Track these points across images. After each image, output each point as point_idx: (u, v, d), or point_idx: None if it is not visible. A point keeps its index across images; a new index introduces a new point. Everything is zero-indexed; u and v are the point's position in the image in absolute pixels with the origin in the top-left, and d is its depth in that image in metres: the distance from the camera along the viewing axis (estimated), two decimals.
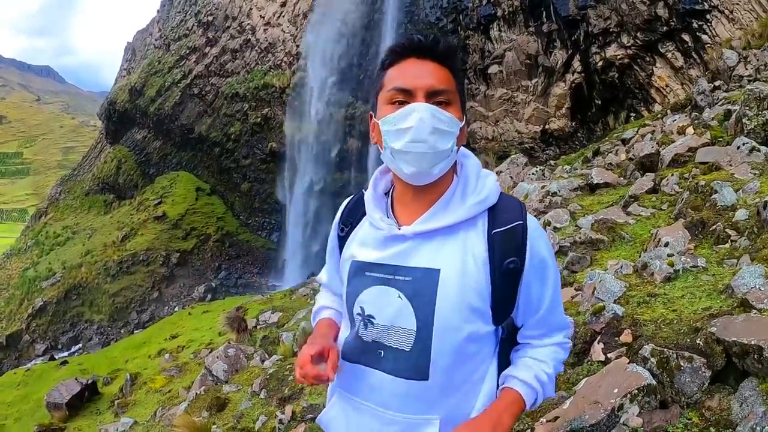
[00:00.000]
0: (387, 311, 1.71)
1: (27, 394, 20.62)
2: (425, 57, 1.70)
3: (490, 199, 1.72)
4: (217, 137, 46.74)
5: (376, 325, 1.74)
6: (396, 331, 1.70)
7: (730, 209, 5.46)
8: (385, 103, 1.70)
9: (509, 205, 1.74)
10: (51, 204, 66.38)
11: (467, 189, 1.72)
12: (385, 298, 1.71)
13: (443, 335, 1.66)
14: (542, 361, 1.79)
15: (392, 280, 1.70)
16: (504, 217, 1.70)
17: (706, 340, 3.23)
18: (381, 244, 1.76)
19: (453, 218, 1.68)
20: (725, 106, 9.16)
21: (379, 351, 1.74)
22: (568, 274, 5.73)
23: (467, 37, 26.15)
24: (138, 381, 17.34)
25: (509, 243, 1.67)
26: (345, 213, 1.95)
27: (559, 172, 11.21)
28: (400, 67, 1.71)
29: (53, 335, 39.16)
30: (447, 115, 1.64)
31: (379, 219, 1.77)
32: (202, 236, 44.93)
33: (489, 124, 25.29)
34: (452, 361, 1.69)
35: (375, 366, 1.75)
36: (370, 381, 1.77)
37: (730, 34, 16.90)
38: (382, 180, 1.90)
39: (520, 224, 1.68)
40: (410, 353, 1.69)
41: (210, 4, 50.20)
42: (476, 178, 1.75)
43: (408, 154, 1.63)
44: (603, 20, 20.33)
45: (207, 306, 30.82)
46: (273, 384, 8.43)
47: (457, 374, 1.71)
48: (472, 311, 1.66)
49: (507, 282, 1.68)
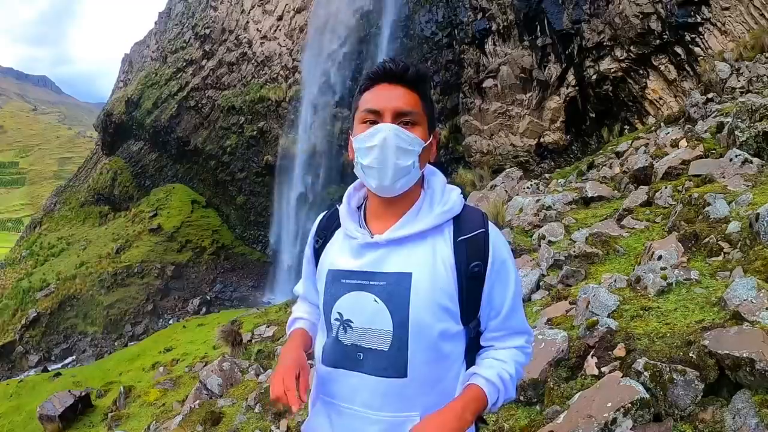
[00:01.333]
0: (364, 315, 1.82)
1: (19, 405, 20.46)
2: (396, 82, 1.83)
3: (455, 209, 1.87)
4: (213, 150, 46.76)
5: (354, 329, 1.84)
6: (374, 333, 1.80)
7: (723, 221, 5.48)
8: (358, 123, 1.87)
9: (472, 215, 1.90)
10: (46, 214, 66.18)
11: (434, 200, 1.89)
12: (361, 303, 1.82)
13: (418, 333, 1.77)
14: (504, 361, 1.89)
15: (368, 285, 1.82)
16: (468, 226, 1.86)
17: (699, 353, 3.24)
18: (356, 252, 1.88)
19: (422, 226, 1.82)
20: (718, 119, 9.21)
21: (358, 354, 1.84)
22: (562, 287, 5.74)
23: (462, 51, 26.28)
24: (132, 394, 17.23)
25: (473, 249, 1.82)
26: (320, 226, 2.09)
27: (554, 185, 11.23)
28: (373, 91, 1.86)
29: (47, 346, 38.86)
30: (410, 135, 1.81)
31: (354, 229, 1.90)
32: (197, 249, 44.84)
33: (484, 137, 25.37)
34: (428, 358, 1.80)
35: (355, 368, 1.85)
36: (351, 383, 1.85)
37: (722, 46, 17.00)
38: (355, 195, 2.04)
39: (483, 232, 1.85)
40: (388, 353, 1.79)
41: (207, 18, 50.40)
42: (441, 191, 1.91)
43: (373, 169, 1.80)
44: (597, 34, 20.45)
45: (202, 319, 30.70)
46: (268, 398, 8.39)
47: (434, 371, 1.83)
48: (443, 310, 1.79)
49: (472, 284, 1.82)
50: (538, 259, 6.59)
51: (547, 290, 5.97)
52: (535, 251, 7.15)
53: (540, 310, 5.34)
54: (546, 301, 5.65)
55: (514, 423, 3.70)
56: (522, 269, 6.44)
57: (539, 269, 6.35)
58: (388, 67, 1.85)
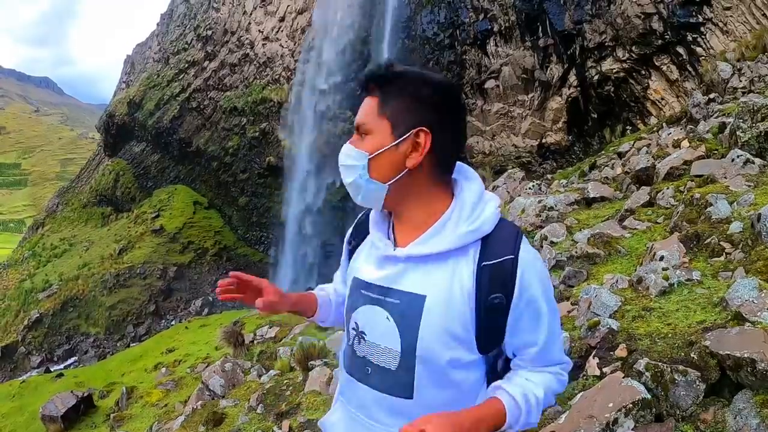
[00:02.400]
0: (376, 330, 1.74)
1: (22, 406, 20.49)
2: (365, 93, 1.74)
3: (484, 229, 1.65)
4: (215, 151, 46.81)
5: (367, 342, 1.77)
6: (383, 351, 1.72)
7: (725, 222, 5.48)
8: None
9: (504, 236, 1.66)
10: (48, 215, 66.33)
11: (462, 215, 1.68)
12: (375, 318, 1.73)
13: (425, 359, 1.66)
14: (535, 383, 1.72)
15: (383, 301, 1.72)
16: (495, 249, 1.64)
17: (701, 353, 3.25)
18: (378, 263, 1.78)
19: (444, 245, 1.65)
20: (720, 119, 9.19)
21: (366, 368, 1.78)
22: (564, 288, 5.75)
23: (464, 52, 26.30)
24: (134, 395, 17.25)
25: (496, 278, 1.62)
26: (354, 227, 2.00)
27: (556, 186, 11.23)
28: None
29: (49, 347, 38.95)
30: (351, 150, 1.71)
31: (379, 239, 1.79)
32: (199, 250, 44.89)
33: (486, 138, 25.39)
34: (436, 383, 1.69)
35: (363, 381, 1.79)
36: (360, 394, 1.81)
37: (724, 46, 17.00)
38: None
39: (510, 259, 1.62)
40: (396, 372, 1.71)
41: (209, 19, 50.47)
42: (473, 204, 1.69)
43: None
44: (598, 34, 20.47)
45: (204, 320, 30.71)
46: (270, 399, 8.41)
47: (442, 397, 1.70)
48: (454, 339, 1.65)
49: (492, 316, 1.64)
50: None
51: None
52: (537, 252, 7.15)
53: None
54: None
55: None
56: None
57: None
58: (360, 77, 1.75)
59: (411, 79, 1.68)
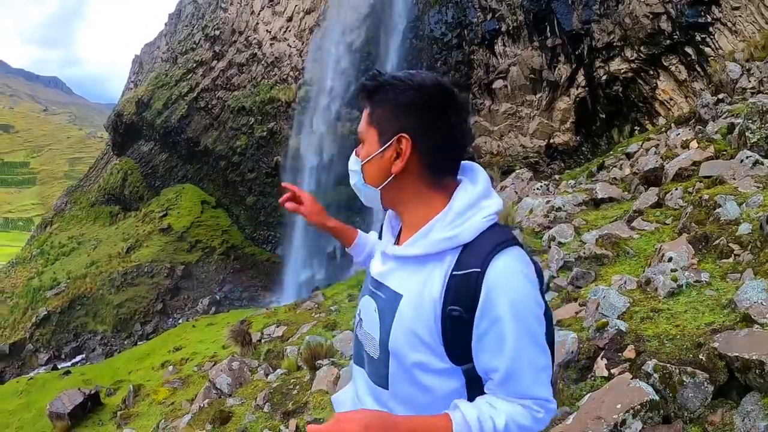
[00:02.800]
0: (368, 320, 1.82)
1: (29, 402, 20.57)
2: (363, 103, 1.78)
3: (462, 237, 1.60)
4: (223, 150, 46.92)
5: (362, 330, 1.85)
6: (371, 340, 1.78)
7: (734, 223, 5.46)
8: None
9: (480, 246, 1.58)
10: (57, 214, 66.66)
11: (445, 221, 1.65)
12: (369, 308, 1.81)
13: (394, 356, 1.68)
14: (498, 410, 1.55)
15: (375, 294, 1.80)
16: (467, 260, 1.57)
17: (709, 355, 3.24)
18: (381, 258, 1.86)
19: (420, 250, 1.65)
20: (729, 120, 9.15)
21: (362, 353, 1.86)
22: (572, 289, 5.74)
23: (472, 51, 26.28)
24: (141, 392, 17.30)
25: (460, 290, 1.56)
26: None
27: (564, 186, 11.21)
28: None
29: (56, 345, 39.14)
30: (353, 156, 1.83)
31: (384, 234, 1.90)
32: (207, 249, 45.00)
33: (494, 138, 25.36)
34: (407, 381, 1.69)
35: (360, 365, 1.89)
36: (359, 376, 1.90)
37: (733, 46, 16.92)
38: None
39: (476, 272, 1.54)
40: (377, 361, 1.77)
41: (217, 19, 50.59)
42: (459, 211, 1.65)
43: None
44: (606, 34, 20.41)
45: (211, 318, 30.78)
46: (277, 398, 8.42)
47: (417, 397, 1.69)
48: (421, 342, 1.62)
49: (455, 328, 1.59)
50: (548, 261, 6.59)
51: (557, 292, 5.97)
52: (545, 253, 7.15)
53: None
54: (556, 302, 5.64)
55: None
56: None
57: (549, 271, 6.35)
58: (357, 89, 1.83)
59: (394, 86, 1.68)
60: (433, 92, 1.68)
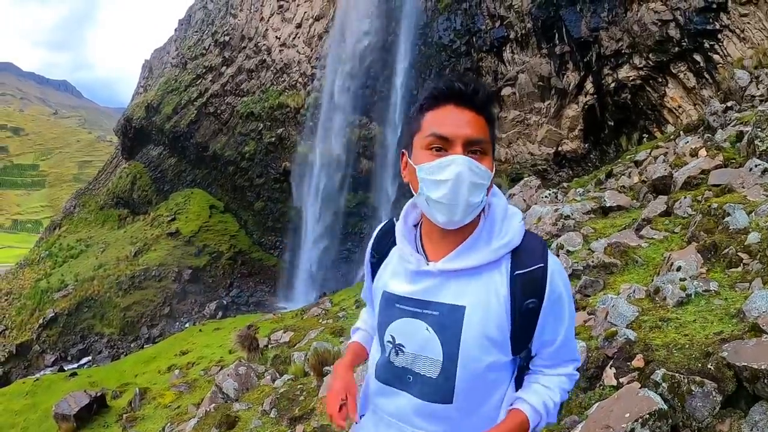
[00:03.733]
0: (416, 341, 1.80)
1: (35, 403, 20.62)
2: (464, 105, 1.70)
3: (514, 242, 1.76)
4: (232, 156, 47.06)
5: (406, 354, 1.83)
6: (424, 360, 1.79)
7: (743, 232, 5.44)
8: (422, 148, 1.73)
9: (532, 246, 1.78)
10: (65, 216, 66.91)
11: (493, 231, 1.77)
12: (414, 330, 1.80)
13: (466, 365, 1.75)
14: (551, 389, 1.85)
15: (421, 313, 1.78)
16: (526, 259, 1.76)
17: (718, 364, 3.24)
18: (410, 277, 1.84)
19: (478, 260, 1.74)
20: (737, 127, 9.12)
21: (408, 376, 1.84)
22: (581, 297, 5.73)
23: (480, 59, 26.30)
24: (147, 396, 17.32)
25: (530, 284, 1.74)
26: (376, 241, 2.04)
27: (572, 194, 11.19)
28: (438, 112, 1.72)
29: (63, 346, 39.26)
30: (482, 168, 1.69)
31: (409, 254, 1.84)
32: (214, 253, 45.08)
33: (502, 146, 25.34)
34: (475, 388, 1.78)
35: (404, 389, 1.85)
36: (399, 401, 1.86)
37: (741, 53, 16.86)
38: (412, 213, 1.95)
39: (541, 267, 1.74)
40: (437, 380, 1.78)
41: (227, 25, 50.83)
42: (502, 220, 1.80)
43: (444, 205, 1.69)
44: (615, 42, 20.39)
45: (218, 323, 30.80)
46: (284, 403, 8.43)
47: (479, 399, 1.81)
48: (494, 344, 1.75)
49: (526, 319, 1.75)
50: None
51: None
52: None
53: None
54: None
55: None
56: None
57: None
58: (457, 87, 1.71)
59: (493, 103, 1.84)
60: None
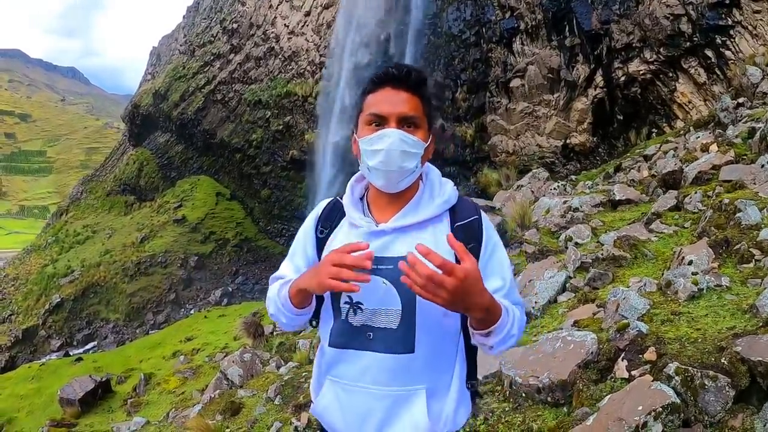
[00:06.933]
0: (374, 297, 1.94)
1: (40, 388, 20.74)
2: (399, 87, 1.97)
3: (451, 200, 2.07)
4: (239, 143, 47.01)
5: (364, 311, 1.96)
6: (383, 313, 1.95)
7: (755, 228, 5.42)
8: (364, 124, 2.02)
9: (467, 204, 2.10)
10: (72, 203, 67.12)
11: (433, 193, 2.07)
12: (371, 286, 1.88)
13: (424, 310, 1.91)
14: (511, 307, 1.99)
15: (376, 269, 1.91)
16: (464, 214, 2.05)
17: (731, 359, 3.22)
18: (362, 239, 1.97)
19: (424, 215, 2.00)
20: (749, 124, 9.07)
21: (368, 333, 1.96)
22: (589, 290, 5.71)
23: (490, 50, 26.15)
24: (152, 381, 17.43)
25: (469, 233, 2.01)
26: (323, 215, 2.20)
27: (581, 187, 11.16)
28: (377, 94, 2.00)
29: (69, 332, 39.42)
30: (413, 139, 1.96)
31: (359, 218, 2.05)
32: (220, 241, 45.13)
33: (510, 137, 25.24)
34: (433, 334, 1.96)
35: (365, 348, 1.97)
36: (360, 362, 1.98)
37: (753, 50, 16.71)
38: (357, 186, 2.18)
39: (476, 218, 2.05)
40: (397, 330, 1.93)
41: (235, 12, 50.70)
42: (439, 184, 2.10)
43: (380, 171, 1.96)
44: (626, 35, 20.21)
45: (223, 310, 30.90)
46: (288, 390, 8.45)
47: (438, 346, 1.99)
48: None
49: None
50: (565, 261, 6.56)
51: (574, 292, 5.95)
52: (562, 253, 7.12)
53: (566, 312, 5.32)
54: (572, 303, 5.62)
55: (542, 423, 3.69)
56: (548, 270, 6.42)
57: (566, 271, 6.32)
58: (391, 72, 2.00)
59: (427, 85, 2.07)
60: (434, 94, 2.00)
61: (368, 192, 2.15)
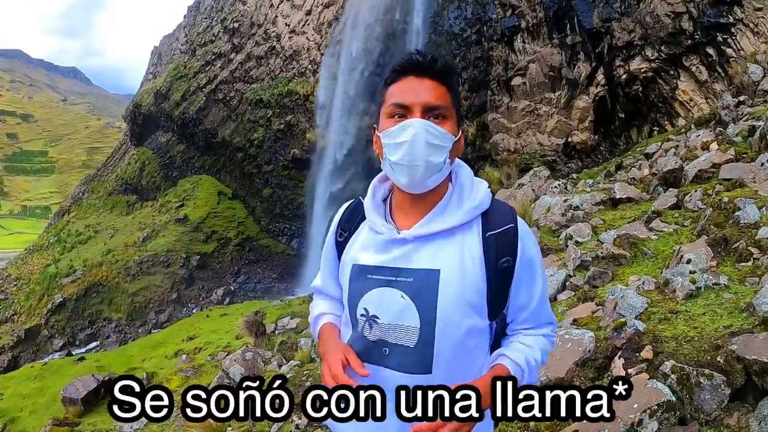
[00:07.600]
0: (391, 311, 1.80)
1: (43, 387, 20.78)
2: (423, 75, 1.80)
3: (483, 205, 1.85)
4: (240, 142, 47.01)
5: (380, 325, 1.83)
6: (400, 329, 1.79)
7: (753, 227, 5.43)
8: (385, 117, 1.84)
9: (501, 210, 1.88)
10: (74, 203, 67.19)
11: (463, 196, 1.86)
12: (388, 299, 1.80)
13: (445, 331, 1.76)
14: (531, 347, 1.89)
15: (395, 281, 1.80)
16: (497, 220, 1.84)
17: (727, 357, 3.24)
18: (382, 247, 1.86)
19: (451, 222, 1.81)
20: (750, 122, 9.07)
21: (384, 349, 1.83)
22: (589, 288, 5.73)
23: (491, 48, 26.13)
24: (154, 380, 17.45)
25: (503, 244, 1.81)
26: (343, 219, 2.06)
27: (582, 185, 11.17)
28: (400, 84, 1.82)
29: (71, 331, 39.45)
30: (440, 130, 1.77)
31: (380, 224, 1.89)
32: (222, 240, 45.15)
33: (511, 136, 25.23)
34: (453, 355, 1.79)
35: (380, 363, 1.83)
36: (375, 378, 1.82)
37: (755, 47, 16.70)
38: (381, 188, 2.03)
39: (512, 227, 1.83)
40: (414, 349, 1.78)
41: (236, 11, 50.69)
42: (470, 186, 1.89)
43: (403, 166, 1.77)
44: (627, 33, 20.21)
45: (225, 309, 30.91)
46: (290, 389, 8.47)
47: (458, 367, 1.81)
48: (471, 307, 1.78)
49: (501, 279, 1.81)
50: (565, 260, 6.59)
51: (573, 291, 5.97)
52: (562, 251, 7.14)
53: (566, 311, 5.34)
54: (572, 301, 5.64)
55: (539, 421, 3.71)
56: (548, 269, 6.44)
57: (566, 270, 6.34)
58: (415, 59, 1.83)
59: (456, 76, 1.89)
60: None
61: (392, 194, 1.99)
